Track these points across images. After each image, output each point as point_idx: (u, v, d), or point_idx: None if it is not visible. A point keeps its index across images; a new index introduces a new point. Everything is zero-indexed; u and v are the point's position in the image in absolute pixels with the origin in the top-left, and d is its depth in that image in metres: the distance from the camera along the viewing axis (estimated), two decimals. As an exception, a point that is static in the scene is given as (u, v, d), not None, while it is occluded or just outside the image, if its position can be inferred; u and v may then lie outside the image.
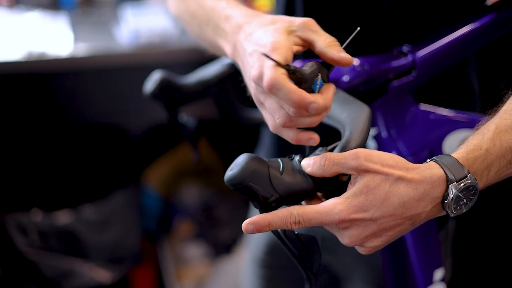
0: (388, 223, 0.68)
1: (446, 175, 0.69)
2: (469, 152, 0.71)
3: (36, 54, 1.91)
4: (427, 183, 0.68)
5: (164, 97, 1.02)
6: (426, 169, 0.69)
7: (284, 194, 0.68)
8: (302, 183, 0.70)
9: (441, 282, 0.95)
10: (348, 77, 0.89)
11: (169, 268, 2.23)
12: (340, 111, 0.77)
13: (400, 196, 0.67)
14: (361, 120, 0.74)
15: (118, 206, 2.19)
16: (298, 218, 0.67)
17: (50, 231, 2.08)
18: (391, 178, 0.67)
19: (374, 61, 0.90)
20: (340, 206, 0.67)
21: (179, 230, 2.34)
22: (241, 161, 0.68)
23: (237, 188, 0.68)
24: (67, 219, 2.10)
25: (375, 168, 0.67)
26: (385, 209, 0.67)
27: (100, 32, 2.10)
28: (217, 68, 1.04)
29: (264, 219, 0.67)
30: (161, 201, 2.39)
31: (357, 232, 0.68)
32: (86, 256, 2.12)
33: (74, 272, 2.10)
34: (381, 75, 0.89)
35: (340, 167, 0.68)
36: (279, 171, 0.69)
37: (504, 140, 0.72)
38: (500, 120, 0.73)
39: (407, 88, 0.90)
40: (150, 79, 1.03)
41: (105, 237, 2.14)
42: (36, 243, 2.07)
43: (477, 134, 0.73)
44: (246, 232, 0.68)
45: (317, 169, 0.70)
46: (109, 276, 2.13)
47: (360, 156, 0.67)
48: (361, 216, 0.67)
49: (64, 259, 2.09)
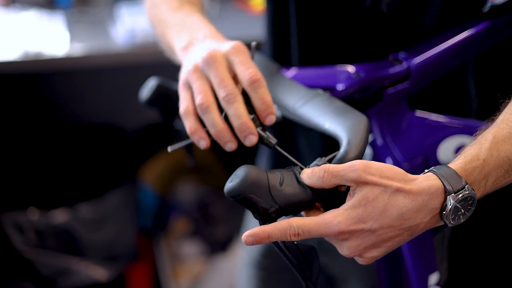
0: (387, 234, 0.69)
1: (444, 186, 0.69)
2: (467, 163, 0.71)
3: (32, 54, 1.91)
4: (425, 195, 0.69)
5: (161, 104, 1.02)
6: (424, 180, 0.70)
7: (283, 205, 0.69)
8: (301, 194, 0.70)
9: (436, 286, 0.96)
10: (344, 85, 0.89)
11: (165, 266, 2.24)
12: (337, 121, 0.77)
13: (398, 208, 0.68)
14: (359, 131, 0.74)
15: (114, 205, 2.19)
16: (297, 230, 0.68)
17: (46, 229, 2.09)
18: (389, 190, 0.68)
19: (370, 69, 0.90)
20: (339, 218, 0.68)
21: (175, 228, 2.34)
22: (240, 173, 0.69)
23: (237, 200, 0.69)
24: (63, 218, 2.11)
25: (374, 180, 0.68)
26: (384, 220, 0.68)
27: (96, 31, 2.10)
28: None
29: (263, 231, 0.68)
30: (157, 199, 2.39)
31: (356, 243, 0.69)
32: (83, 254, 2.12)
33: (71, 270, 2.10)
34: (377, 83, 0.90)
35: (339, 179, 0.69)
36: (279, 182, 0.70)
37: (502, 150, 0.72)
38: (497, 130, 0.74)
39: (402, 95, 0.91)
40: (146, 86, 1.02)
41: (101, 235, 2.15)
42: (32, 242, 2.07)
43: (474, 144, 0.73)
44: (246, 244, 0.68)
45: (316, 181, 0.71)
46: (105, 274, 2.14)
47: (359, 168, 0.68)
48: (360, 227, 0.68)
49: (60, 257, 2.09)
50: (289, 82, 0.91)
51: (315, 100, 0.84)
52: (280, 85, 0.91)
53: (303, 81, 0.92)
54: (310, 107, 0.83)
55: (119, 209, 2.20)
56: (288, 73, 0.96)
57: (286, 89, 0.89)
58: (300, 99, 0.85)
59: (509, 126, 0.74)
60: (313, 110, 0.82)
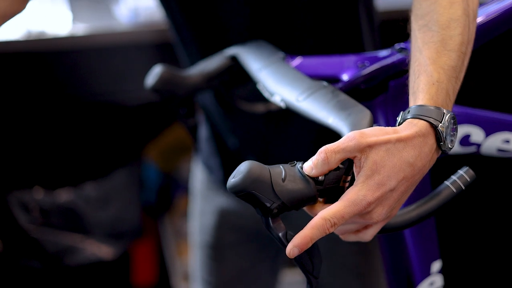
0: (404, 186, 0.71)
1: (429, 123, 0.73)
2: (428, 92, 0.75)
3: (35, 33, 1.91)
4: (419, 137, 0.72)
5: (166, 91, 1.02)
6: (410, 126, 0.73)
7: (286, 201, 0.69)
8: (305, 189, 0.70)
9: (438, 273, 0.97)
10: (349, 75, 0.89)
11: (169, 243, 2.26)
12: (341, 115, 0.77)
13: (405, 159, 0.70)
14: (362, 126, 0.74)
15: (119, 183, 2.21)
16: (332, 220, 0.68)
17: (51, 208, 2.10)
18: (390, 145, 0.70)
19: (375, 58, 0.90)
20: (362, 191, 0.69)
21: (180, 205, 2.36)
22: (243, 169, 0.69)
23: (239, 195, 0.69)
24: (68, 197, 2.13)
25: (374, 140, 0.70)
26: (398, 175, 0.70)
27: (99, 10, 2.09)
28: (218, 61, 1.04)
29: (305, 237, 0.68)
30: (162, 176, 2.40)
31: (382, 208, 0.71)
32: (88, 232, 2.14)
33: (76, 248, 2.13)
34: (383, 73, 0.89)
35: (341, 153, 0.70)
36: (281, 178, 0.70)
37: (444, 64, 0.76)
38: (427, 51, 0.78)
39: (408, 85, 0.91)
40: (151, 73, 1.03)
41: (106, 213, 2.17)
42: (38, 220, 2.09)
43: (420, 75, 0.77)
44: (293, 256, 0.68)
45: (321, 166, 0.70)
46: (110, 252, 2.16)
47: (355, 136, 0.70)
48: (382, 190, 0.69)
49: (66, 236, 2.11)
50: (293, 73, 0.91)
51: (319, 93, 0.83)
52: (285, 76, 0.91)
53: (308, 70, 0.92)
54: (314, 100, 0.83)
55: (124, 187, 2.21)
56: (293, 62, 0.96)
57: (291, 80, 0.89)
58: (304, 91, 0.85)
59: (433, 42, 0.78)
60: (316, 103, 0.82)
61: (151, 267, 2.31)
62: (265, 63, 0.96)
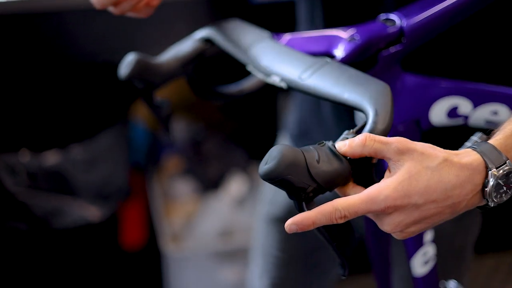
0: (430, 211, 0.67)
1: (485, 162, 0.67)
2: (506, 138, 0.70)
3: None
4: (468, 170, 0.67)
5: (142, 79, 0.96)
6: (465, 156, 0.68)
7: (322, 183, 0.66)
8: (339, 168, 0.67)
9: (431, 243, 0.97)
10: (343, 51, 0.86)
11: (157, 204, 2.26)
12: (358, 90, 0.74)
13: (443, 183, 0.66)
14: (384, 100, 0.71)
15: (106, 144, 2.19)
16: (343, 212, 0.65)
17: (38, 171, 2.09)
18: (435, 162, 0.66)
19: (364, 31, 0.88)
20: (385, 191, 0.65)
21: (168, 166, 2.35)
22: (276, 154, 0.65)
23: (274, 182, 0.65)
24: (55, 159, 2.11)
25: (417, 147, 0.66)
26: (428, 196, 0.66)
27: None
28: (191, 44, 0.98)
29: (308, 219, 0.66)
30: (150, 136, 2.38)
31: (399, 219, 0.67)
32: (75, 194, 2.14)
33: (64, 210, 2.12)
34: (373, 45, 0.87)
35: (381, 145, 0.67)
36: (316, 159, 0.66)
37: None
38: None
39: (396, 57, 0.88)
40: (124, 62, 0.96)
41: (93, 175, 2.16)
42: (25, 183, 2.08)
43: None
44: (290, 232, 0.66)
45: (355, 147, 0.67)
46: (98, 213, 2.16)
47: (401, 140, 0.66)
48: (406, 201, 0.65)
49: (53, 198, 2.11)
50: (288, 50, 0.87)
51: (325, 69, 0.80)
52: (280, 54, 0.87)
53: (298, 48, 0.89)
54: (321, 76, 0.79)
55: (111, 149, 2.20)
56: (282, 40, 0.93)
57: (288, 58, 0.85)
58: (307, 68, 0.81)
59: None
60: (325, 79, 0.78)
61: (139, 228, 2.31)
62: (251, 42, 0.91)
